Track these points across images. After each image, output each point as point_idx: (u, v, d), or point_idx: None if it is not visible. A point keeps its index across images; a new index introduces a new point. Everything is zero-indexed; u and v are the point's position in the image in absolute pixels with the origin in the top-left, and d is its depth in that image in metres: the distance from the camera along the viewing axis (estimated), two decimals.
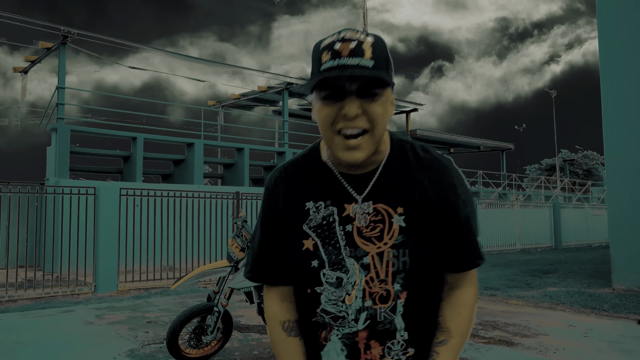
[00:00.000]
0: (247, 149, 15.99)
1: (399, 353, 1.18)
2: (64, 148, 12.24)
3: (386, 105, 1.12)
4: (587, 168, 43.69)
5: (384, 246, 1.15)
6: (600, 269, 11.55)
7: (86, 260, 9.15)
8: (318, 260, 1.17)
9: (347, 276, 1.16)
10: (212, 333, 4.57)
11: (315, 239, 1.18)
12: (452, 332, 1.21)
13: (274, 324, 1.27)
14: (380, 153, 1.19)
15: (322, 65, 1.08)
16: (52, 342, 5.41)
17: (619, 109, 9.05)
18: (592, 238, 22.90)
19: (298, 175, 1.24)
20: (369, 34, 1.10)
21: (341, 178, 1.19)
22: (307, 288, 1.19)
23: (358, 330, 1.17)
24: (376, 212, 1.16)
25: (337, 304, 1.17)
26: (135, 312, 7.05)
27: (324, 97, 1.10)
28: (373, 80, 1.07)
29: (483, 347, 5.08)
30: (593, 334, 5.63)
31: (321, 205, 1.19)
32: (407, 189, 1.18)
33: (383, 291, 1.15)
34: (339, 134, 1.10)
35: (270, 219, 1.24)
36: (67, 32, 12.61)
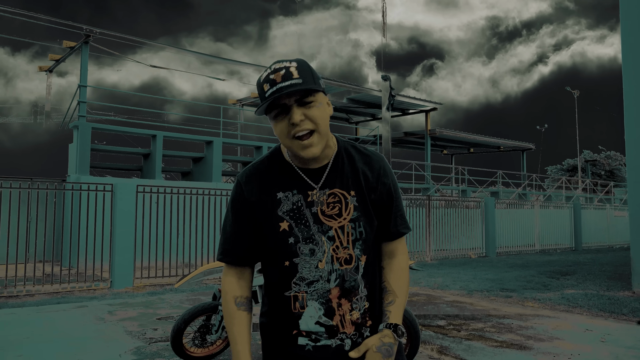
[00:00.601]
0: (266, 147, 16.01)
1: (360, 306, 1.50)
2: (85, 145, 12.43)
3: (323, 107, 1.45)
4: (609, 169, 42.73)
5: (344, 221, 1.49)
6: (621, 271, 11.27)
7: (103, 256, 9.27)
8: (293, 237, 1.47)
9: (318, 247, 1.48)
10: (216, 332, 4.55)
11: (289, 221, 1.48)
12: (397, 293, 1.55)
13: (228, 298, 1.54)
14: (330, 150, 1.53)
15: (265, 94, 1.41)
16: (61, 338, 5.47)
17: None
18: (613, 240, 22.41)
19: (267, 172, 1.54)
20: (292, 60, 1.44)
21: (301, 172, 1.52)
22: (285, 261, 1.48)
23: (331, 288, 1.47)
24: (334, 195, 1.50)
25: (312, 270, 1.47)
26: (147, 309, 7.10)
27: (274, 116, 1.43)
28: (304, 91, 1.40)
29: (494, 350, 4.98)
30: (610, 339, 5.46)
31: (289, 194, 1.50)
32: (356, 177, 1.53)
33: (347, 255, 1.49)
34: (294, 138, 1.42)
35: (243, 208, 1.53)
36: (89, 31, 12.79)
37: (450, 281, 9.93)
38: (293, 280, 1.47)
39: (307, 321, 1.47)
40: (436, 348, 5.04)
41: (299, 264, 1.47)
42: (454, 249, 15.63)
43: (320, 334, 1.48)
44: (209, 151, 14.85)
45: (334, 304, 1.47)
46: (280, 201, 1.49)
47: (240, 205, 1.53)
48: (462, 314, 6.79)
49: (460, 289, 9.03)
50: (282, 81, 1.39)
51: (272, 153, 1.58)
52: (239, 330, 1.51)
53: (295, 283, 1.47)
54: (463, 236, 15.93)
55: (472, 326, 6.05)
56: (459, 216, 15.93)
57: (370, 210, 1.52)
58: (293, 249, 1.47)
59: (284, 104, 1.40)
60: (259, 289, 4.44)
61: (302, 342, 1.49)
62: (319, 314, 1.47)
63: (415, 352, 4.31)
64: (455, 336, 5.55)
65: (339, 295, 1.47)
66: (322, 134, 1.44)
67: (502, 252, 17.08)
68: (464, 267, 12.59)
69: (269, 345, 1.56)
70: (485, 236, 16.50)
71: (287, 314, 1.49)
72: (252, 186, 1.52)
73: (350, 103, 22.34)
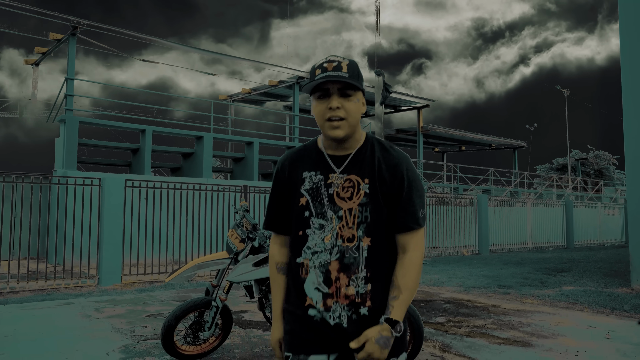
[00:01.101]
0: (257, 143, 15.75)
1: (360, 285, 1.65)
2: (72, 140, 12.09)
3: (358, 104, 1.69)
4: (598, 168, 42.94)
5: (353, 204, 1.67)
6: (616, 268, 11.19)
7: (90, 253, 8.99)
8: (309, 212, 1.71)
9: (327, 223, 1.68)
10: (209, 329, 4.33)
11: (307, 197, 1.72)
12: (401, 289, 1.65)
13: (272, 263, 1.84)
14: (356, 142, 1.74)
15: (316, 77, 1.66)
16: (45, 335, 5.21)
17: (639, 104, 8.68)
18: (604, 238, 22.47)
19: (301, 155, 1.80)
20: (345, 58, 1.69)
21: (328, 158, 1.74)
22: (300, 230, 1.72)
23: (331, 260, 1.66)
24: (350, 180, 1.70)
25: (318, 242, 1.68)
26: (135, 306, 6.85)
27: (317, 97, 1.69)
28: (347, 85, 1.65)
29: (498, 347, 4.80)
30: (615, 336, 5.31)
31: (313, 174, 1.73)
32: (372, 167, 1.71)
33: (350, 234, 1.66)
34: (327, 120, 1.67)
35: (279, 184, 1.81)
36: (76, 22, 12.43)
37: (446, 278, 9.77)
38: (303, 249, 1.70)
39: (309, 286, 1.68)
40: (438, 345, 4.85)
41: (309, 235, 1.70)
42: (447, 246, 15.50)
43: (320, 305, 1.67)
44: (200, 147, 14.56)
45: (332, 276, 1.66)
46: (304, 180, 1.74)
47: (278, 181, 1.82)
48: (461, 311, 6.62)
49: (457, 285, 8.86)
50: (332, 70, 1.64)
51: (310, 142, 1.84)
52: (276, 292, 1.81)
53: (304, 251, 1.70)
54: (456, 234, 15.81)
55: (472, 323, 5.88)
56: (452, 214, 15.81)
57: (379, 199, 1.68)
58: (307, 221, 1.71)
59: (328, 89, 1.66)
60: (255, 283, 4.23)
61: (312, 313, 1.69)
62: (318, 280, 1.67)
63: (419, 350, 4.13)
64: (456, 333, 5.37)
65: (338, 269, 1.66)
66: (351, 125, 1.68)
67: (495, 250, 16.99)
68: (458, 264, 12.44)
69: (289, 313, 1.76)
70: (479, 234, 16.39)
71: (297, 278, 1.71)
72: (287, 166, 1.80)
73: None
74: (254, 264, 4.18)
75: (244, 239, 4.27)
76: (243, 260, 4.22)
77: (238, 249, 4.28)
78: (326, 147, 1.76)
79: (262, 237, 4.26)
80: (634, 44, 8.85)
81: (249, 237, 4.26)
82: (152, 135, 13.59)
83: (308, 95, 21.62)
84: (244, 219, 4.36)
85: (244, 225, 4.33)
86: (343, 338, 1.66)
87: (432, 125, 23.80)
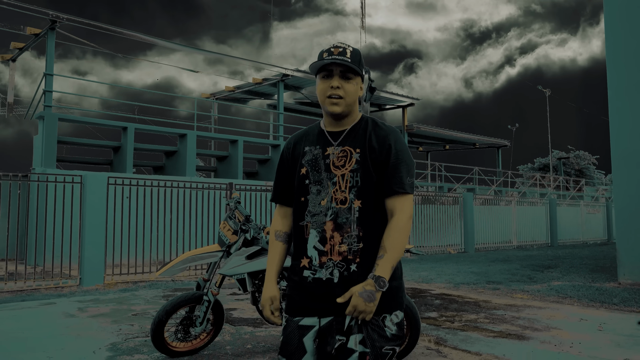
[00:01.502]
0: (241, 141, 15.57)
1: (353, 243, 1.85)
2: (51, 137, 11.79)
3: (356, 87, 1.94)
4: (579, 168, 43.60)
5: (345, 170, 1.90)
6: (602, 264, 11.29)
7: (71, 253, 8.74)
8: (308, 180, 1.94)
9: (323, 189, 1.91)
10: (201, 324, 4.20)
11: (307, 167, 1.95)
12: (387, 249, 1.82)
13: (272, 231, 2.08)
14: (352, 120, 1.98)
15: (326, 58, 1.89)
16: (29, 335, 5.01)
17: (625, 100, 8.75)
18: (586, 236, 22.76)
19: (305, 134, 2.06)
20: (350, 45, 1.94)
21: (327, 134, 1.99)
22: (302, 197, 1.94)
23: (326, 221, 1.88)
24: (344, 151, 1.93)
25: (316, 205, 1.91)
26: (120, 305, 6.67)
27: (322, 76, 1.93)
28: (348, 68, 1.89)
29: (493, 340, 4.74)
30: (607, 328, 5.30)
31: (313, 148, 1.98)
32: (363, 139, 1.93)
33: (342, 197, 1.88)
34: (328, 97, 1.91)
35: (284, 160, 2.06)
36: (55, 16, 12.12)
37: (435, 275, 9.74)
38: (304, 213, 1.93)
39: (309, 246, 1.90)
40: (433, 339, 4.78)
41: (309, 200, 1.92)
42: (433, 245, 15.51)
43: (315, 263, 1.88)
44: (183, 145, 14.34)
45: (327, 235, 1.87)
46: (305, 153, 1.99)
47: (284, 158, 2.07)
48: (452, 306, 6.56)
49: (446, 282, 8.83)
50: (337, 55, 1.90)
51: (314, 124, 2.10)
52: (271, 256, 2.04)
53: (305, 215, 1.92)
54: (442, 232, 15.83)
55: (464, 317, 5.83)
56: (438, 212, 15.82)
57: (369, 166, 1.88)
58: (307, 188, 1.94)
59: (332, 70, 1.91)
60: (248, 276, 4.10)
61: (306, 274, 1.89)
62: (315, 240, 1.89)
63: (416, 342, 4.05)
64: (450, 327, 5.31)
65: (332, 229, 1.87)
66: (347, 104, 1.92)
67: (481, 248, 17.06)
68: (445, 262, 12.44)
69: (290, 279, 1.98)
70: (464, 232, 16.43)
71: (301, 239, 1.93)
72: (293, 144, 2.06)
73: None
74: (247, 256, 4.05)
75: (236, 230, 4.14)
76: (236, 252, 4.09)
77: (230, 242, 4.15)
78: (326, 124, 2.01)
79: (256, 228, 4.14)
80: (618, 42, 8.92)
81: (242, 228, 4.13)
82: (134, 132, 13.33)
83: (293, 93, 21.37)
84: (237, 210, 4.24)
85: (236, 216, 4.21)
86: (333, 297, 1.82)
87: (417, 124, 23.85)
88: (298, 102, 22.29)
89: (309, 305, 1.88)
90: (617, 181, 8.86)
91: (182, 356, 4.19)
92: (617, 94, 8.85)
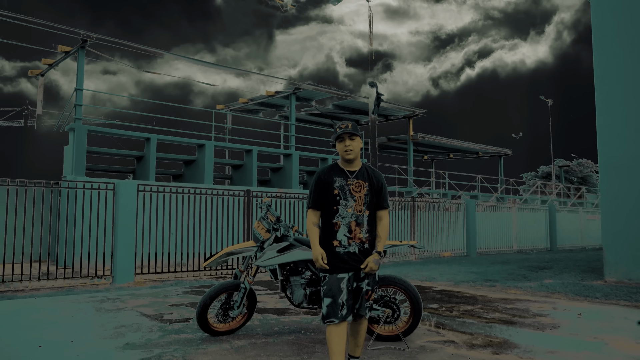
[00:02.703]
0: (256, 150, 16.47)
1: (364, 236, 3.55)
2: (81, 147, 12.72)
3: (359, 142, 3.67)
4: (582, 175, 44.29)
5: (361, 194, 3.59)
6: (594, 265, 12.04)
7: (98, 254, 9.54)
8: (339, 197, 3.57)
9: (348, 202, 3.56)
10: (238, 308, 5.02)
11: (338, 190, 3.58)
12: (380, 236, 3.62)
13: (310, 222, 3.63)
14: (358, 164, 3.70)
15: (340, 130, 3.63)
16: (84, 318, 5.87)
17: (612, 110, 9.56)
18: (586, 241, 23.39)
19: (331, 170, 3.68)
20: (351, 122, 3.71)
21: (347, 171, 3.65)
22: (334, 206, 3.56)
23: (351, 221, 3.54)
24: (358, 183, 3.60)
25: (344, 212, 3.54)
26: (156, 298, 7.51)
27: (340, 140, 3.65)
28: (353, 134, 3.63)
29: (486, 325, 5.55)
30: (586, 315, 6.11)
31: (340, 179, 3.61)
32: (368, 177, 3.66)
33: (360, 209, 3.56)
34: (345, 151, 3.62)
35: (320, 183, 3.63)
36: (86, 36, 13.11)
37: (437, 274, 10.54)
38: (336, 215, 3.55)
39: (340, 234, 3.53)
40: (433, 323, 5.60)
41: (339, 208, 3.56)
42: (437, 249, 16.27)
43: (344, 243, 3.51)
44: (201, 154, 15.24)
45: (352, 227, 3.53)
46: (335, 181, 3.60)
47: (320, 182, 3.63)
48: (452, 300, 7.37)
49: (448, 280, 9.63)
50: (345, 128, 3.61)
51: (335, 163, 3.72)
52: (313, 235, 3.60)
53: (336, 217, 3.55)
54: (445, 237, 16.59)
55: (462, 308, 6.64)
56: (441, 218, 16.61)
57: (372, 193, 3.63)
58: (338, 202, 3.56)
59: (344, 136, 3.62)
60: (278, 267, 4.93)
61: (338, 250, 3.53)
62: (345, 230, 3.53)
63: (417, 323, 4.85)
64: (448, 315, 6.12)
65: (355, 225, 3.54)
66: (355, 154, 3.63)
67: (482, 252, 17.80)
68: (448, 264, 13.23)
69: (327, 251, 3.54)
70: (467, 237, 17.20)
71: (332, 231, 3.55)
72: (326, 174, 3.65)
73: (336, 109, 22.95)
74: (278, 250, 4.89)
75: (269, 229, 4.98)
76: (269, 247, 4.93)
77: (264, 238, 4.99)
78: (343, 166, 3.66)
79: (286, 227, 4.98)
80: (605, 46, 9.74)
81: (274, 227, 4.97)
82: (156, 143, 14.25)
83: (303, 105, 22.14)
84: (268, 212, 5.08)
85: (268, 217, 5.05)
86: (355, 261, 3.51)
87: (422, 134, 24.69)
88: (309, 114, 23.23)
89: (343, 266, 3.52)
90: (603, 188, 9.66)
91: (222, 335, 5.02)
92: (604, 103, 9.65)
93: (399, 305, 4.77)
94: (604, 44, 9.87)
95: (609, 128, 9.60)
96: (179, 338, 4.94)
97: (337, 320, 3.39)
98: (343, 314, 3.41)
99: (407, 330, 4.82)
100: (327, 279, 3.49)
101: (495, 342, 4.76)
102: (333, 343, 3.41)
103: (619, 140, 9.43)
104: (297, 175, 17.77)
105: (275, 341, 4.82)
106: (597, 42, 9.99)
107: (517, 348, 4.54)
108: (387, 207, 3.65)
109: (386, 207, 3.65)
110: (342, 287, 3.44)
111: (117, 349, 4.51)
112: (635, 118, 9.25)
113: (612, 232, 9.30)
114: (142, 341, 4.79)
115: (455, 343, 4.74)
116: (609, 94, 9.67)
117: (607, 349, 4.55)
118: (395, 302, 4.77)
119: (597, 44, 9.97)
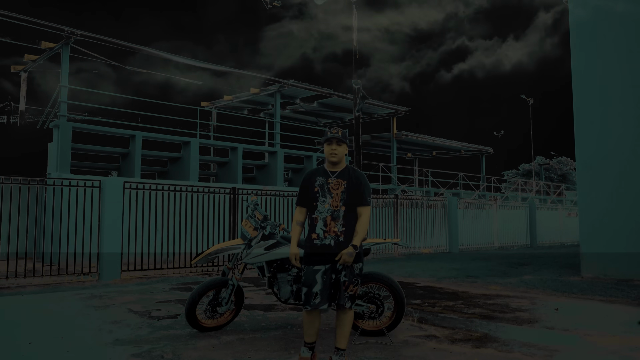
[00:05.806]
0: (241, 148, 16.53)
1: (339, 230, 3.86)
2: (66, 144, 12.67)
3: (344, 149, 4.01)
4: (561, 173, 45.11)
5: (338, 191, 3.92)
6: (572, 262, 12.37)
7: (84, 251, 9.57)
8: (318, 194, 3.94)
9: (326, 199, 3.91)
10: (226, 304, 5.14)
11: (318, 188, 3.95)
12: (358, 231, 3.88)
13: (294, 220, 4.13)
14: (341, 166, 4.03)
15: (330, 134, 4.00)
16: (73, 315, 5.93)
17: (589, 110, 9.85)
18: (565, 238, 23.92)
19: (317, 171, 4.08)
20: (340, 128, 4.04)
21: (329, 172, 4.01)
22: (314, 202, 3.95)
23: (327, 215, 3.88)
24: (337, 182, 3.93)
25: (322, 207, 3.90)
26: (143, 295, 7.58)
27: (327, 143, 4.00)
28: (340, 140, 3.98)
29: (466, 320, 5.75)
30: (562, 310, 6.34)
31: (321, 178, 3.98)
32: (349, 177, 3.97)
33: (336, 204, 3.89)
34: (330, 154, 3.98)
35: (306, 183, 4.05)
36: (70, 32, 13.04)
37: (420, 271, 10.75)
38: (315, 211, 3.91)
39: (318, 227, 3.87)
40: (416, 319, 5.78)
41: (318, 204, 3.90)
42: (420, 246, 16.52)
43: (321, 236, 3.84)
44: (186, 151, 15.26)
45: (328, 222, 3.86)
46: (317, 180, 3.96)
47: (305, 182, 4.04)
48: (434, 295, 7.57)
49: (430, 276, 9.85)
50: (334, 134, 3.96)
51: (321, 165, 4.10)
52: (294, 233, 4.08)
53: (316, 212, 3.91)
54: (428, 234, 16.85)
55: (444, 304, 6.83)
56: (424, 215, 16.86)
57: (349, 191, 3.90)
58: (317, 198, 3.91)
59: (332, 140, 3.96)
60: (265, 264, 5.06)
61: (316, 242, 3.86)
62: (322, 224, 3.87)
63: (401, 318, 5.02)
64: (431, 311, 6.31)
65: (330, 219, 3.86)
66: (340, 157, 3.97)
67: (464, 249, 18.12)
68: (430, 260, 13.48)
69: (306, 246, 3.93)
70: (449, 234, 17.49)
71: (312, 225, 3.92)
72: (311, 175, 4.05)
73: (320, 107, 23.08)
74: (265, 248, 5.02)
75: (256, 227, 5.10)
76: (256, 245, 5.05)
77: (252, 236, 5.10)
78: (328, 167, 4.01)
79: (273, 225, 5.11)
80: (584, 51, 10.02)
81: (261, 226, 5.10)
82: (141, 140, 14.24)
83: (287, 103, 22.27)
84: (256, 211, 5.20)
85: (255, 216, 5.17)
86: (330, 254, 3.81)
87: (405, 132, 24.94)
88: (293, 111, 23.32)
89: (318, 259, 3.85)
90: (580, 186, 9.95)
91: (210, 331, 5.13)
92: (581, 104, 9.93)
93: (382, 301, 4.93)
94: (581, 43, 10.14)
95: (586, 127, 9.88)
96: (168, 334, 5.04)
97: (309, 308, 3.81)
98: (316, 303, 3.78)
99: (391, 325, 4.98)
100: (305, 269, 3.89)
101: (475, 337, 4.94)
102: (306, 326, 3.91)
103: (595, 139, 9.71)
104: (282, 172, 17.88)
105: (263, 336, 4.95)
106: (574, 42, 10.26)
107: (497, 342, 4.73)
108: (366, 204, 3.89)
109: (365, 204, 3.89)
110: (317, 278, 3.79)
111: (107, 345, 4.60)
112: (611, 117, 9.55)
113: (588, 229, 9.59)
114: (132, 337, 4.89)
115: (437, 337, 4.92)
116: (585, 93, 9.95)
117: (582, 342, 4.77)
118: (379, 298, 4.92)
119: (575, 44, 10.24)
